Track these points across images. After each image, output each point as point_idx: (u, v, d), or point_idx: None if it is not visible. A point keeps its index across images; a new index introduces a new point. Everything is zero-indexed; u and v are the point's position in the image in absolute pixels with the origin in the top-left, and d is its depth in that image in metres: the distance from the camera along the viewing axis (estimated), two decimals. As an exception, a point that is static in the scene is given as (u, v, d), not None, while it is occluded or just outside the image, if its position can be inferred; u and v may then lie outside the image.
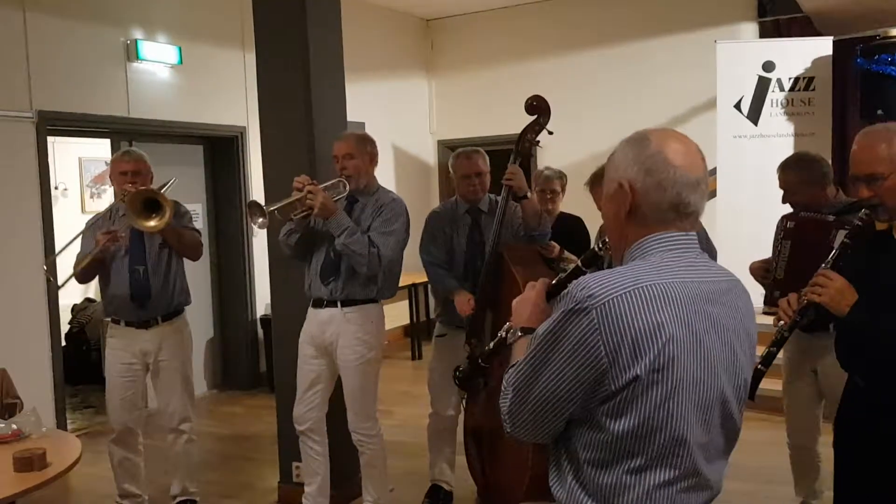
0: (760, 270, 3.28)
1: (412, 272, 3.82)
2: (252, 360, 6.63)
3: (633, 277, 1.34)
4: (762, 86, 6.39)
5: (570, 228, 4.08)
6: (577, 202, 4.06)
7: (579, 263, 1.62)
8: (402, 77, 8.31)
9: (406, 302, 7.49)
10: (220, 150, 6.54)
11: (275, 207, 3.30)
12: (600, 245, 1.60)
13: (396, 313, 4.48)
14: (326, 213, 3.34)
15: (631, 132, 1.50)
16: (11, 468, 2.65)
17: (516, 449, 3.41)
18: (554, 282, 1.63)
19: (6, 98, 4.91)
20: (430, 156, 8.71)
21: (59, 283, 3.91)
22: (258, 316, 6.60)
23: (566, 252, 3.84)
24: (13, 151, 4.98)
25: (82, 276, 3.82)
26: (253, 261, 6.57)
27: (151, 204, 3.60)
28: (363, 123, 6.66)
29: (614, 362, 1.31)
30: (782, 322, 2.52)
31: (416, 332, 7.56)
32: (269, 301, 6.31)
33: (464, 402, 3.82)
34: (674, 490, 1.36)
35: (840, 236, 2.42)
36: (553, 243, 3.78)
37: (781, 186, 3.30)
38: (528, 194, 3.63)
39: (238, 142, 6.48)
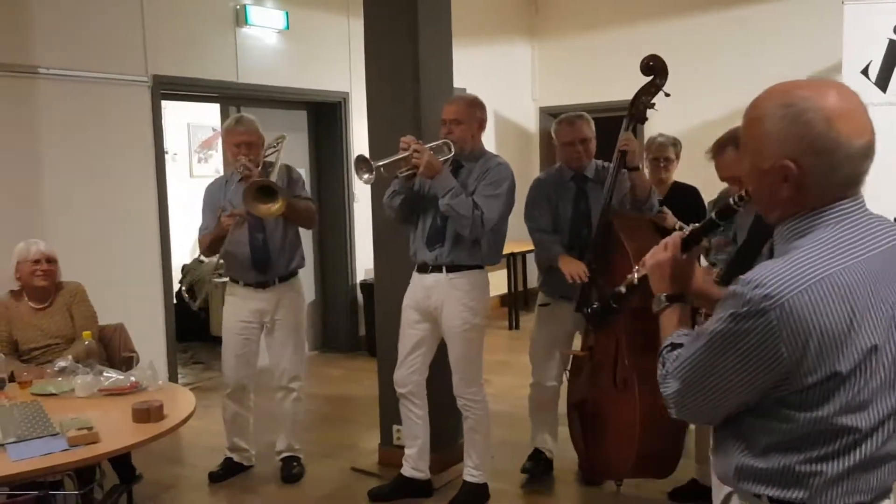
0: None
1: (510, 241, 3.75)
2: (352, 323, 6.73)
3: (811, 267, 1.21)
4: (893, 50, 5.96)
5: (685, 199, 3.90)
6: (691, 171, 3.88)
7: (713, 216, 1.52)
8: (504, 42, 8.17)
9: (504, 271, 7.44)
10: (324, 115, 6.60)
11: (382, 164, 3.29)
12: (736, 199, 1.47)
13: (494, 282, 4.41)
14: (431, 173, 3.30)
15: (746, 98, 1.36)
16: (130, 419, 2.76)
17: (623, 425, 3.33)
18: (687, 234, 1.53)
19: (124, 63, 5.08)
20: (532, 123, 8.55)
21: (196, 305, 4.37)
22: (358, 281, 6.69)
23: (680, 223, 3.68)
24: (130, 115, 5.15)
25: (208, 249, 3.95)
26: (354, 226, 6.64)
27: (266, 190, 3.66)
28: (464, 89, 6.58)
29: (799, 364, 1.21)
30: None
31: (513, 302, 7.51)
32: (368, 266, 6.39)
33: (566, 373, 3.75)
34: (874, 477, 1.28)
35: None
36: (666, 210, 3.63)
37: None
38: (640, 166, 3.49)
39: (341, 107, 6.52)
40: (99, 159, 4.99)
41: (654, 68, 3.45)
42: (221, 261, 3.92)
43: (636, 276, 1.64)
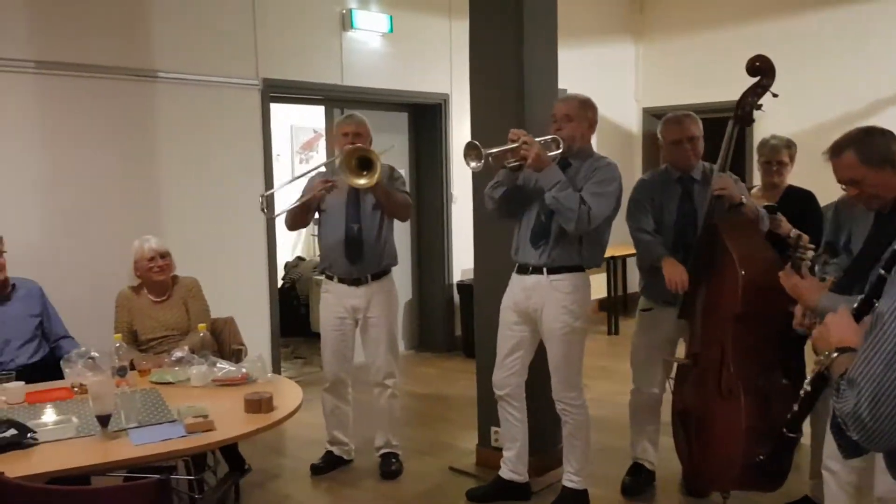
0: None
1: (611, 245, 3.69)
2: (448, 324, 6.78)
3: None
4: None
5: (800, 204, 3.72)
6: (806, 175, 3.71)
7: (882, 272, 1.49)
8: (607, 42, 8.05)
9: (604, 275, 7.33)
10: (424, 117, 6.68)
11: (491, 152, 3.28)
12: None
13: (594, 286, 4.34)
14: (540, 165, 3.28)
15: (862, 98, 1.40)
16: (242, 409, 2.85)
17: (728, 434, 3.22)
18: (856, 305, 1.55)
19: (236, 67, 5.29)
20: (634, 124, 8.40)
21: (273, 214, 4.17)
22: (455, 281, 6.73)
23: (795, 230, 3.52)
24: (241, 117, 5.35)
25: (291, 220, 4.04)
26: (451, 226, 6.69)
27: (364, 162, 3.74)
28: (565, 90, 6.51)
29: None
30: None
31: (613, 307, 7.40)
32: (465, 267, 6.43)
33: (671, 380, 3.66)
34: None
35: None
36: (781, 217, 3.48)
37: None
38: (744, 200, 3.38)
39: (441, 109, 6.58)
40: (211, 159, 5.21)
41: (761, 69, 3.33)
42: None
43: (811, 387, 1.63)
